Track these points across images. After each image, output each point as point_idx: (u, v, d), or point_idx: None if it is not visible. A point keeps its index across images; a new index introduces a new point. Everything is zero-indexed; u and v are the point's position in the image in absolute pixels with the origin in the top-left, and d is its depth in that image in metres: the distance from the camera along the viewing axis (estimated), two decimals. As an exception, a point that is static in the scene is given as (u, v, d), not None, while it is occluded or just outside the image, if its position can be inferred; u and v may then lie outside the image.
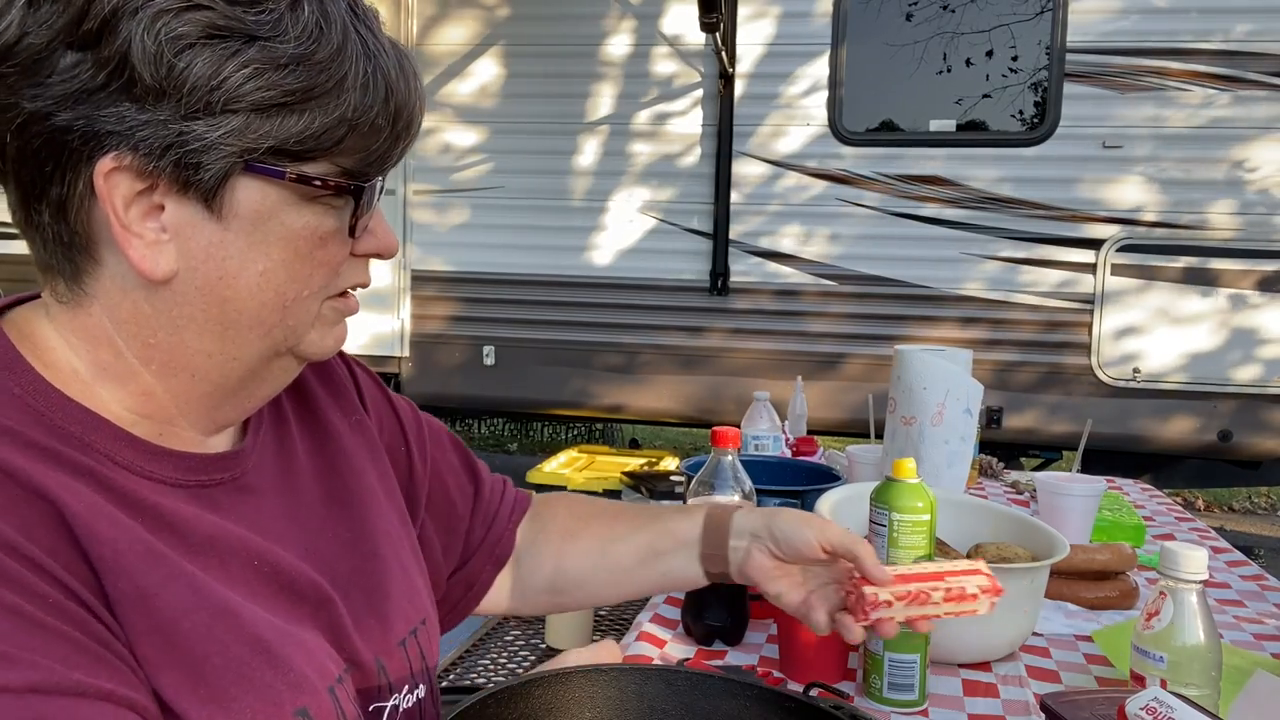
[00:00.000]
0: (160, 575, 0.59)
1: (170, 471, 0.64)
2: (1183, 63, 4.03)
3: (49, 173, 0.59)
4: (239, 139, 0.59)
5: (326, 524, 0.75)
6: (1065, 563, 1.23)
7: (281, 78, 0.59)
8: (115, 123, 0.57)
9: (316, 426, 0.80)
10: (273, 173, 0.61)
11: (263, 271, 0.63)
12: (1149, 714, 0.75)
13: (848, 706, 0.65)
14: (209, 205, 0.60)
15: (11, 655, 0.50)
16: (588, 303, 4.62)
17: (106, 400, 0.63)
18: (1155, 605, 0.95)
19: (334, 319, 0.69)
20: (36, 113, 0.57)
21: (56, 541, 0.55)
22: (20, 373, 0.60)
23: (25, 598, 0.52)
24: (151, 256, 0.60)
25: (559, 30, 4.59)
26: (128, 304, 0.62)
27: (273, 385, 0.71)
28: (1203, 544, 1.73)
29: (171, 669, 0.57)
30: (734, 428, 1.24)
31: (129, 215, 0.59)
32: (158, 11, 0.56)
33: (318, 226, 0.64)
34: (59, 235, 0.61)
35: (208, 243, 0.61)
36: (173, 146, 0.58)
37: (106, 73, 0.57)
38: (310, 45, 0.60)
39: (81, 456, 0.59)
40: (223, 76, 0.57)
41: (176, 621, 0.58)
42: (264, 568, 0.66)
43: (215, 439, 0.70)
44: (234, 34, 0.58)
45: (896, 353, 1.67)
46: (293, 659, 0.64)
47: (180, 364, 0.64)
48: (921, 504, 1.02)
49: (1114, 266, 4.14)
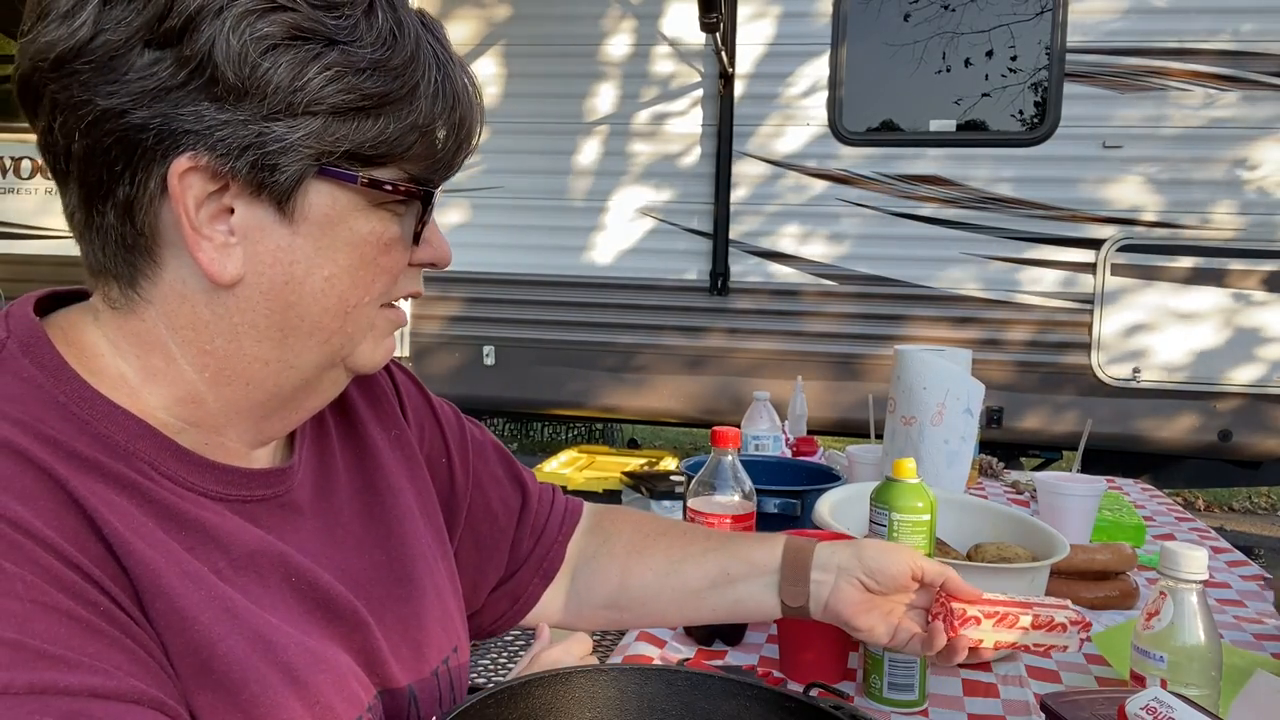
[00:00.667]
0: (198, 598, 0.58)
1: (213, 484, 0.63)
2: (1183, 63, 4.03)
3: (118, 172, 0.58)
4: (317, 141, 0.59)
5: (363, 546, 0.75)
6: (1065, 563, 1.23)
7: (360, 81, 0.59)
8: (193, 122, 0.57)
9: (357, 442, 0.79)
10: (345, 177, 0.61)
11: (328, 277, 0.63)
12: (1149, 714, 0.75)
13: (848, 706, 0.65)
14: (281, 208, 0.60)
15: (70, 659, 0.50)
16: (588, 303, 4.62)
17: (154, 407, 0.62)
18: (1155, 605, 0.95)
19: (385, 330, 0.69)
20: (111, 110, 0.56)
21: (101, 553, 0.55)
22: (66, 380, 0.59)
23: (80, 603, 0.52)
24: (220, 260, 0.60)
25: (559, 30, 4.59)
26: (186, 309, 0.62)
27: (321, 398, 0.70)
28: (1203, 544, 1.74)
29: (205, 690, 0.57)
30: (734, 428, 1.24)
31: (199, 217, 0.59)
32: (243, 11, 0.56)
33: (383, 232, 0.64)
34: (122, 237, 0.60)
35: (276, 246, 0.61)
36: (251, 147, 0.58)
37: (187, 71, 0.56)
38: (386, 51, 0.60)
39: (124, 468, 0.58)
40: (306, 78, 0.57)
41: (213, 645, 0.58)
42: (302, 585, 0.66)
43: (258, 453, 0.69)
44: (316, 36, 0.58)
45: (896, 353, 1.67)
46: (322, 689, 0.63)
47: (235, 371, 0.64)
48: (921, 504, 1.02)
49: (1114, 266, 4.14)
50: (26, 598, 0.50)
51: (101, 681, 0.51)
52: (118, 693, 0.51)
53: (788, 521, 1.37)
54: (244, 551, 0.63)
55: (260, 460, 0.69)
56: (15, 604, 0.50)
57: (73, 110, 0.57)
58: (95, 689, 0.50)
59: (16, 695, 0.48)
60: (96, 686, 0.50)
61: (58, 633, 0.50)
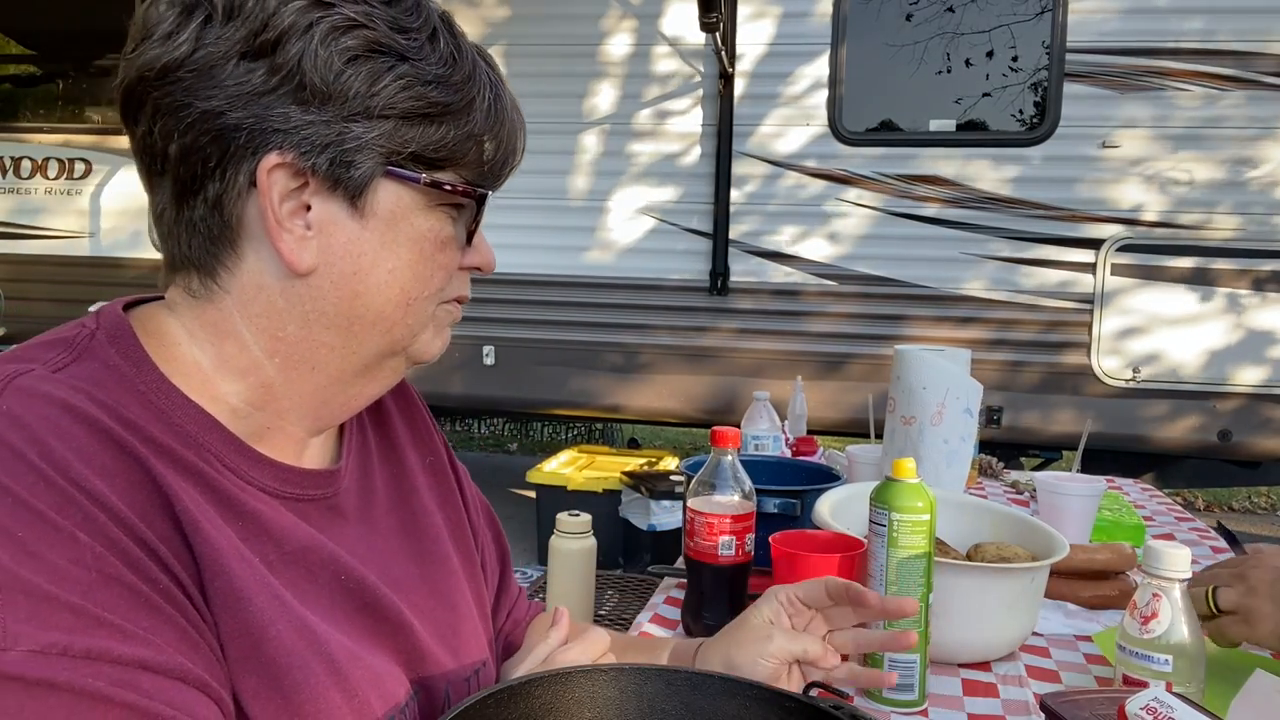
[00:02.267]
0: (253, 581, 0.62)
1: (270, 480, 0.68)
2: (1183, 63, 4.03)
3: (211, 168, 0.64)
4: (388, 141, 0.66)
5: (398, 555, 0.78)
6: (1065, 563, 1.23)
7: (427, 91, 0.66)
8: (281, 122, 0.64)
9: (395, 461, 0.84)
10: (410, 177, 0.68)
11: (391, 269, 0.69)
12: (1149, 714, 0.75)
13: (848, 706, 0.65)
14: (354, 203, 0.67)
15: (128, 630, 0.54)
16: (588, 303, 4.61)
17: (225, 393, 0.68)
18: (1151, 608, 0.95)
19: (444, 322, 0.76)
20: (209, 111, 0.63)
21: (168, 532, 0.59)
22: (146, 371, 0.64)
23: (142, 579, 0.56)
24: (298, 250, 0.66)
25: (559, 30, 4.59)
26: (262, 298, 0.67)
27: (380, 385, 0.75)
28: (1202, 544, 1.74)
29: (253, 674, 0.61)
30: (734, 428, 1.24)
31: (282, 210, 0.65)
32: (329, 28, 0.63)
33: (440, 230, 0.71)
34: (209, 229, 0.66)
35: (346, 239, 0.67)
36: (330, 145, 0.64)
37: (279, 78, 0.63)
38: (448, 69, 0.67)
39: (193, 457, 0.63)
40: (381, 85, 0.65)
41: (264, 628, 0.61)
42: (350, 583, 0.70)
43: (309, 454, 0.74)
44: (390, 51, 0.65)
45: (896, 353, 1.67)
46: (360, 684, 0.66)
47: (303, 356, 0.69)
48: (921, 504, 1.02)
49: (1114, 266, 4.14)
50: (94, 567, 0.54)
51: (152, 655, 0.54)
52: (166, 668, 0.54)
53: (788, 521, 1.37)
54: (296, 546, 0.67)
55: (311, 461, 0.74)
56: (83, 572, 0.54)
57: (174, 113, 0.64)
58: (145, 661, 0.54)
59: (74, 658, 0.51)
60: (147, 659, 0.54)
61: (118, 604, 0.54)
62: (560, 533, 1.57)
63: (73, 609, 0.52)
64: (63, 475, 0.55)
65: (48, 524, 0.53)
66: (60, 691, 0.50)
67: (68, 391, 0.59)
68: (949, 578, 1.08)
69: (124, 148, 4.96)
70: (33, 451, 0.55)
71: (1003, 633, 1.14)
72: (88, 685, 0.51)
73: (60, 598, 0.52)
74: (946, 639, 1.09)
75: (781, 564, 1.11)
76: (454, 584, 0.82)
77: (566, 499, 4.12)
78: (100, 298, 4.27)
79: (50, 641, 0.51)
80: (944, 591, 1.06)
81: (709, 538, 1.21)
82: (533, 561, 4.49)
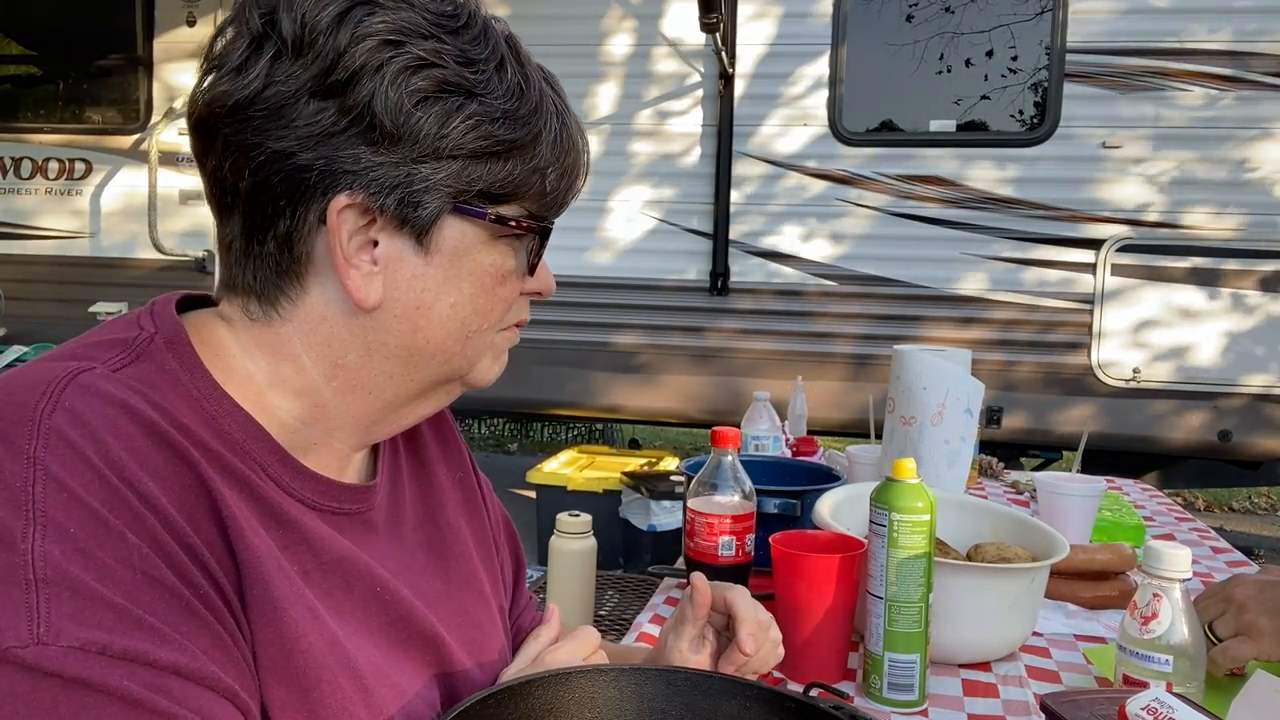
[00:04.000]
0: (289, 591, 0.62)
1: (310, 492, 0.68)
2: (1183, 63, 4.03)
3: (282, 207, 0.65)
4: (455, 181, 0.66)
5: (426, 570, 0.79)
6: (1065, 563, 1.23)
7: (495, 129, 0.66)
8: (351, 163, 0.64)
9: (424, 478, 0.84)
10: (476, 213, 0.68)
11: (453, 304, 0.69)
12: (1150, 714, 0.75)
13: (848, 707, 0.65)
14: (420, 241, 0.67)
15: (166, 634, 0.54)
16: (588, 303, 4.61)
17: (277, 407, 0.68)
18: (1151, 608, 0.95)
19: (503, 347, 0.76)
20: (280, 152, 0.63)
21: (213, 536, 0.59)
22: (200, 377, 0.65)
23: (184, 583, 0.56)
24: (365, 287, 0.66)
25: (559, 30, 4.59)
26: (324, 328, 0.68)
27: (432, 406, 0.76)
28: (1203, 544, 1.74)
29: (283, 685, 0.61)
30: (734, 428, 1.24)
31: (350, 247, 0.66)
32: (400, 68, 0.63)
33: (502, 264, 0.71)
34: (278, 264, 0.67)
35: (411, 275, 0.68)
36: (399, 186, 0.65)
37: (349, 119, 0.63)
38: (515, 102, 0.67)
39: (240, 464, 0.64)
40: (451, 127, 0.65)
41: (296, 639, 0.61)
42: (385, 595, 0.70)
43: (349, 468, 0.74)
44: (459, 90, 0.65)
45: (896, 353, 1.67)
46: (386, 702, 0.67)
47: (361, 382, 0.70)
48: (921, 504, 1.02)
49: (1114, 266, 4.14)
50: (140, 568, 0.54)
51: (187, 661, 0.54)
52: (198, 675, 0.55)
53: (788, 522, 1.37)
54: (332, 556, 0.68)
55: (350, 476, 0.75)
56: (129, 572, 0.54)
57: (244, 151, 0.64)
58: (179, 667, 0.54)
59: (112, 658, 0.52)
60: (181, 665, 0.54)
61: (160, 606, 0.54)
62: (560, 533, 1.57)
63: (115, 609, 0.53)
64: (117, 475, 0.55)
65: (100, 522, 0.54)
66: (94, 691, 0.51)
67: (127, 392, 0.59)
68: (949, 578, 1.08)
69: (124, 148, 4.98)
70: (91, 449, 0.55)
71: (1003, 633, 1.14)
72: (122, 687, 0.51)
73: (105, 597, 0.52)
74: (946, 639, 1.09)
75: (781, 564, 1.11)
76: (479, 600, 0.83)
77: (566, 499, 4.12)
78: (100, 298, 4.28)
79: (91, 639, 0.51)
80: (944, 591, 1.06)
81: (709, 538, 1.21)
82: (533, 561, 4.49)
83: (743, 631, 0.87)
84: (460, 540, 0.83)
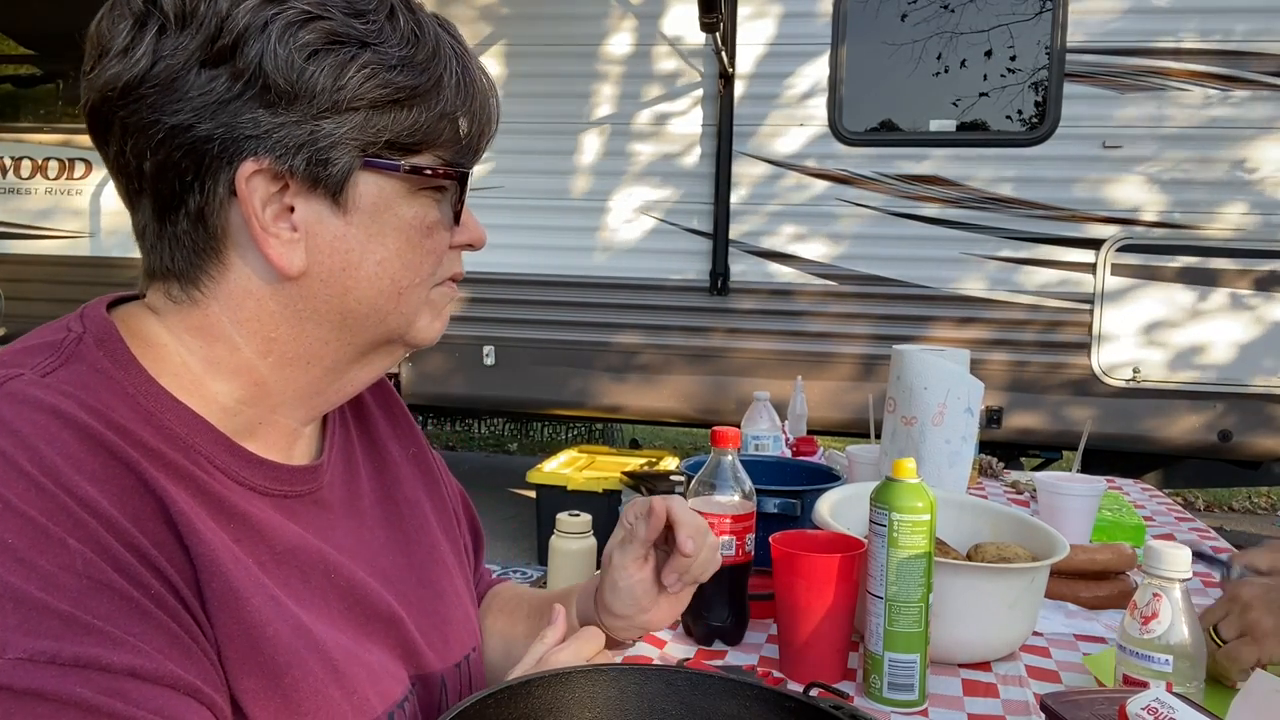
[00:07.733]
0: (248, 582, 0.62)
1: (260, 479, 0.68)
2: (1183, 63, 4.03)
3: (189, 182, 0.64)
4: (360, 133, 0.65)
5: (386, 547, 0.78)
6: (1065, 563, 1.23)
7: (393, 77, 0.65)
8: (252, 128, 0.63)
9: (377, 456, 0.84)
10: (389, 166, 0.66)
11: (380, 260, 0.68)
12: (1150, 714, 0.75)
13: (848, 706, 0.65)
14: (336, 200, 0.66)
15: (117, 637, 0.53)
16: (588, 303, 4.61)
17: (216, 392, 0.67)
18: (1151, 608, 0.95)
19: (441, 303, 0.75)
20: (178, 126, 0.62)
21: (162, 535, 0.58)
22: (134, 372, 0.64)
23: (133, 584, 0.55)
24: (287, 255, 0.65)
25: (559, 30, 4.59)
26: (251, 303, 0.67)
27: (375, 370, 0.75)
28: (1202, 544, 1.74)
29: (252, 675, 0.60)
30: (734, 428, 1.24)
31: (265, 216, 0.64)
32: (285, 24, 0.62)
33: (425, 216, 0.70)
34: (194, 243, 0.65)
35: (332, 237, 0.66)
36: (305, 145, 0.63)
37: (242, 83, 0.62)
38: (410, 49, 0.66)
39: (183, 459, 0.63)
40: (346, 78, 0.63)
41: (262, 628, 0.61)
42: (340, 581, 0.70)
43: (297, 450, 0.74)
44: (350, 40, 0.64)
45: (896, 353, 1.67)
46: (358, 681, 0.67)
47: (297, 353, 0.69)
48: (921, 504, 1.02)
49: (1114, 266, 4.14)
50: (84, 574, 0.53)
51: (142, 663, 0.54)
52: (155, 675, 0.54)
53: (788, 521, 1.37)
54: (286, 546, 0.67)
55: (299, 455, 0.74)
56: (73, 579, 0.53)
57: (142, 131, 0.63)
58: (135, 669, 0.53)
59: (62, 666, 0.51)
60: (136, 667, 0.53)
61: (108, 610, 0.54)
62: (560, 533, 1.57)
63: (62, 616, 0.52)
64: (54, 481, 0.55)
65: (38, 530, 0.53)
66: (48, 701, 0.50)
67: (57, 397, 0.58)
68: (949, 578, 1.08)
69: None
70: (24, 457, 0.55)
71: (1003, 633, 1.14)
72: (75, 694, 0.51)
73: (50, 605, 0.52)
74: (946, 639, 1.09)
75: (781, 564, 1.11)
76: (443, 572, 0.83)
77: (566, 499, 4.12)
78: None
79: (39, 649, 0.51)
80: (944, 591, 1.06)
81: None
82: (533, 561, 4.49)
83: (681, 534, 0.86)
84: (420, 513, 0.83)
